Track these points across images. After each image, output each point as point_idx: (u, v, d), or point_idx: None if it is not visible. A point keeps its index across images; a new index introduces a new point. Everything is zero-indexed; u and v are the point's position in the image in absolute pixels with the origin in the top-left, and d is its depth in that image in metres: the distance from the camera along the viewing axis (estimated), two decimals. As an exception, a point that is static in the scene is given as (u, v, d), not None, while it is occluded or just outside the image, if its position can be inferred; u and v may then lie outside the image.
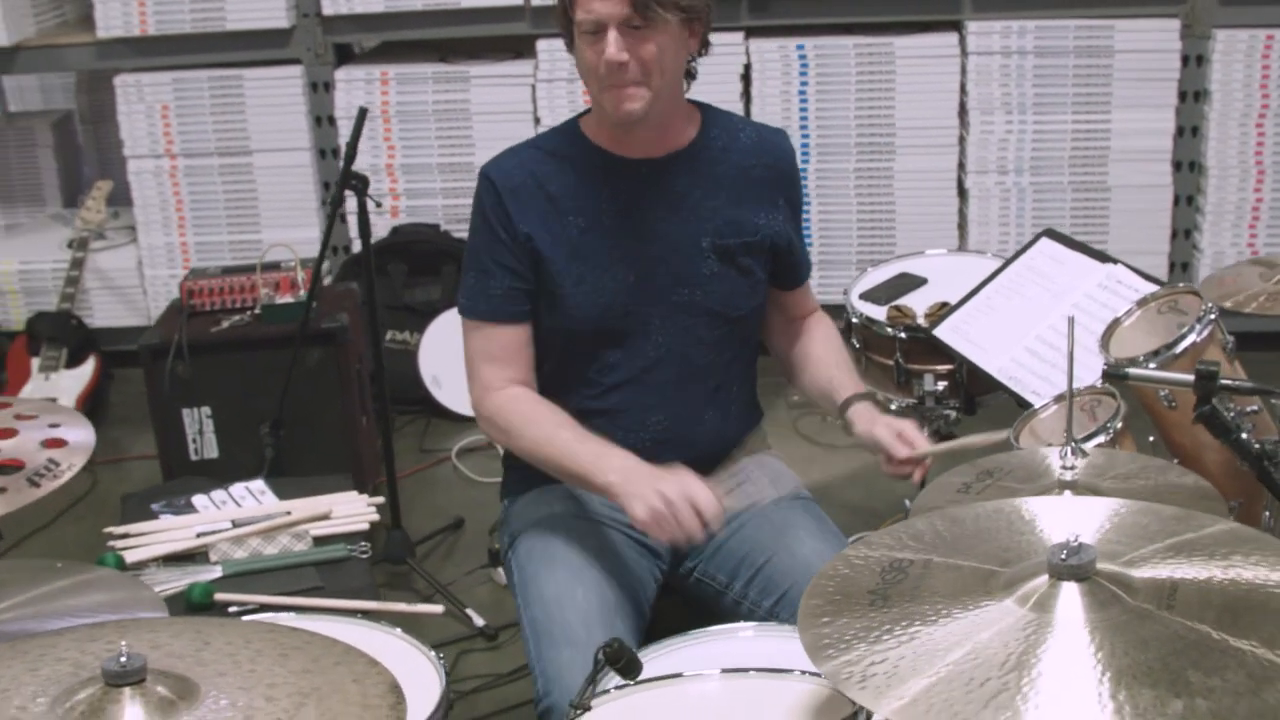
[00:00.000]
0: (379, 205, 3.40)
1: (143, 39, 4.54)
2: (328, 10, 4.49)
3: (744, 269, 2.41)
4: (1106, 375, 1.96)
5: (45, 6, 4.83)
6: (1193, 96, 4.35)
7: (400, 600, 3.50)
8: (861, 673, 1.37)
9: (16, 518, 3.75)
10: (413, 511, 3.92)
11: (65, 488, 4.06)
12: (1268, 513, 2.28)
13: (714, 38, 4.29)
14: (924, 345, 3.01)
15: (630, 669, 1.66)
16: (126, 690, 1.51)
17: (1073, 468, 1.91)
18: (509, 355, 2.37)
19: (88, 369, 4.47)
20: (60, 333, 4.50)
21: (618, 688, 1.69)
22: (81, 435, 2.31)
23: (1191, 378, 1.85)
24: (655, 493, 2.12)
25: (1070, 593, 1.42)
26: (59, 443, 2.27)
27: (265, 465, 3.46)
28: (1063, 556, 1.41)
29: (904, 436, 2.32)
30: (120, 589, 2.07)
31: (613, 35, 2.19)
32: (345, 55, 4.76)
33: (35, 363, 4.45)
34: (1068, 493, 1.90)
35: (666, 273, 2.37)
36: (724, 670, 1.70)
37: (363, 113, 3.35)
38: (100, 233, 4.85)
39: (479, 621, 3.30)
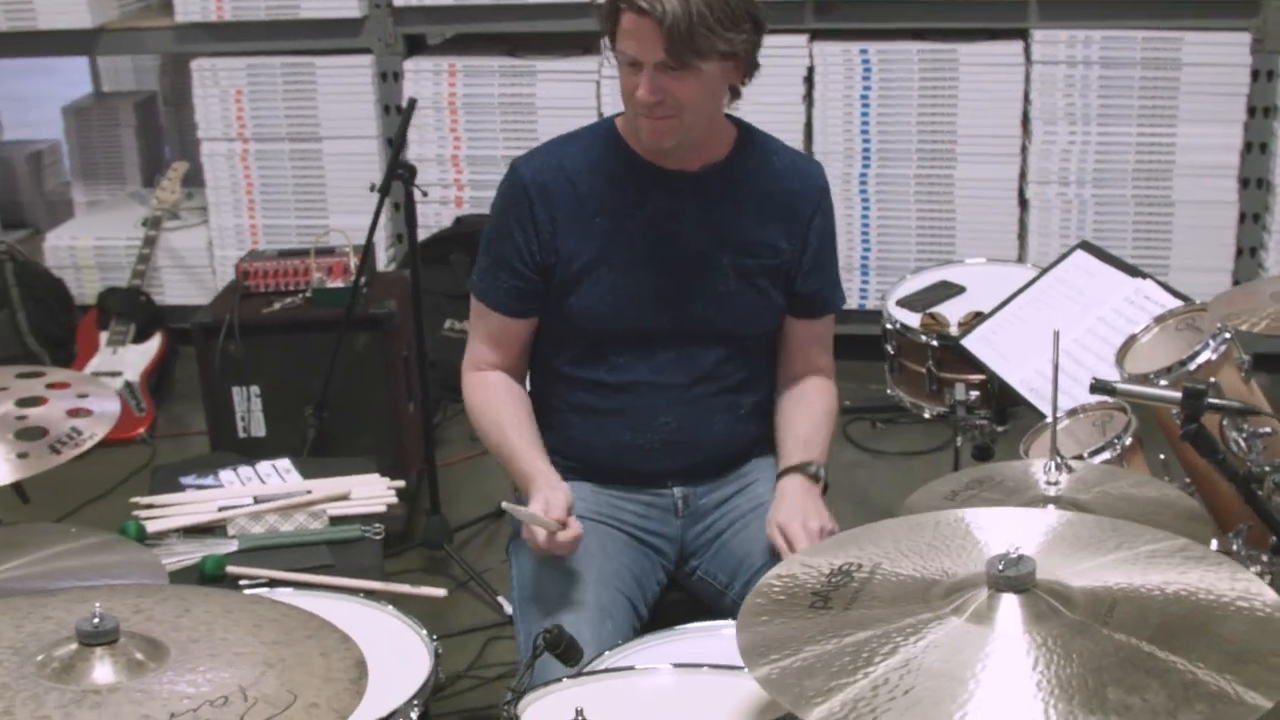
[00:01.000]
0: (425, 194, 3.46)
1: (219, 24, 4.66)
2: (399, 1, 4.57)
3: (760, 290, 2.41)
4: (1094, 389, 1.96)
5: (130, -10, 4.97)
6: (1262, 112, 4.29)
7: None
8: (793, 677, 1.38)
9: (73, 487, 3.94)
10: (458, 498, 3.98)
11: (125, 460, 4.24)
12: (1276, 537, 2.25)
13: (777, 40, 4.38)
14: (956, 354, 3.01)
15: (569, 655, 1.70)
16: (98, 650, 1.57)
17: (1056, 482, 1.91)
18: (502, 342, 2.43)
19: (154, 345, 4.60)
20: (129, 308, 4.63)
21: (570, 677, 1.72)
22: (107, 406, 2.38)
23: (1178, 395, 1.83)
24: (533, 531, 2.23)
25: (1009, 604, 1.43)
26: (84, 412, 2.35)
27: (306, 446, 3.54)
28: (1000, 568, 1.42)
29: (788, 538, 2.25)
30: (125, 555, 2.14)
31: (646, 75, 2.19)
32: (416, 46, 4.84)
33: (104, 336, 4.58)
34: (1051, 507, 1.90)
35: (683, 285, 2.38)
36: (676, 665, 1.72)
37: (411, 103, 3.42)
38: (174, 212, 4.98)
39: (509, 609, 3.34)
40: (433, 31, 4.87)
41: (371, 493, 2.65)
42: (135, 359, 4.53)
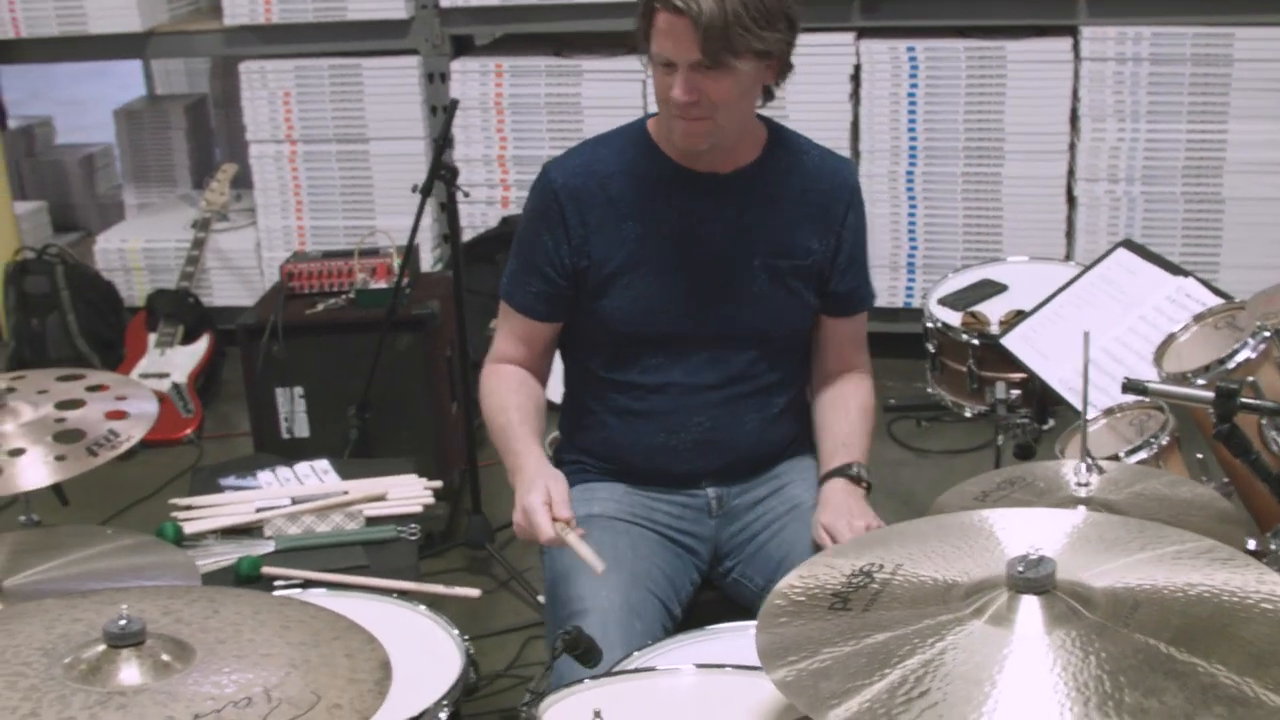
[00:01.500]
0: (467, 195, 3.48)
1: (267, 27, 4.71)
2: (445, 3, 4.60)
3: (792, 290, 2.41)
4: (1126, 388, 1.94)
5: (180, -6, 5.04)
6: (1316, 108, 4.24)
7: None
8: (810, 680, 1.38)
9: (120, 488, 3.99)
10: (501, 499, 4.00)
11: (172, 460, 4.29)
12: (1316, 538, 2.22)
13: (824, 38, 4.36)
14: (997, 353, 2.99)
15: (588, 657, 1.70)
16: (125, 651, 1.59)
17: (1086, 483, 1.89)
18: (526, 342, 2.44)
19: (201, 346, 4.65)
20: (178, 310, 4.69)
21: (592, 678, 1.73)
22: (144, 408, 2.42)
23: (1211, 395, 1.82)
24: (517, 506, 2.23)
25: (1029, 606, 1.42)
26: (121, 415, 2.38)
27: (349, 446, 3.57)
28: (1020, 569, 1.41)
29: (833, 537, 2.26)
30: (160, 557, 2.17)
31: (681, 76, 2.19)
32: (464, 47, 4.87)
33: (152, 338, 4.64)
34: (1081, 508, 1.89)
35: (715, 287, 2.38)
36: (698, 665, 1.72)
37: (453, 104, 3.44)
38: (223, 214, 5.04)
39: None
40: (479, 32, 4.90)
41: (408, 493, 2.67)
42: (183, 360, 4.59)
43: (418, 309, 3.72)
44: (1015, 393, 2.99)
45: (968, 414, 3.15)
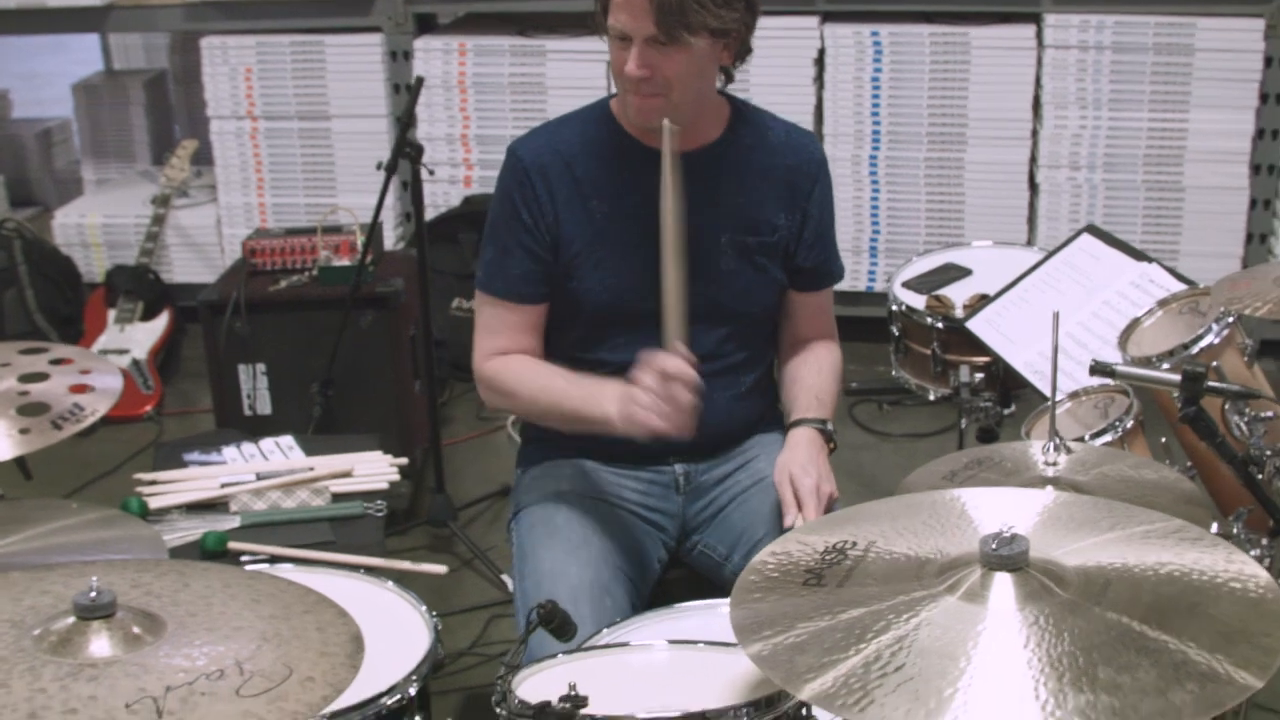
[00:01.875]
0: (432, 173, 3.47)
1: (229, 2, 4.67)
2: (408, -20, 4.58)
3: (759, 267, 2.41)
4: (1094, 371, 1.96)
5: (140, -33, 4.97)
6: (1274, 98, 4.28)
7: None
8: (786, 654, 1.39)
9: (80, 464, 3.96)
10: (464, 477, 4.00)
11: (132, 437, 4.25)
12: (1274, 521, 2.25)
13: (788, 21, 4.36)
14: (961, 336, 3.01)
15: (563, 630, 1.71)
16: (95, 623, 1.58)
17: (1054, 463, 1.91)
18: (518, 332, 2.41)
19: (161, 323, 4.61)
20: (137, 286, 4.65)
21: (566, 653, 1.73)
22: (109, 382, 2.39)
23: (1177, 378, 1.83)
24: (641, 403, 2.13)
25: (1001, 583, 1.43)
26: (86, 389, 2.36)
27: (312, 424, 3.55)
28: (993, 547, 1.42)
29: (798, 493, 2.26)
30: (126, 531, 2.15)
31: (635, 50, 2.19)
32: (427, 25, 4.84)
33: (111, 314, 4.60)
34: (1049, 488, 1.91)
35: (684, 265, 2.38)
36: (671, 641, 1.73)
37: (419, 81, 3.42)
38: (183, 190, 5.00)
39: (512, 587, 3.34)
40: (443, 10, 4.87)
41: (374, 470, 2.66)
42: (142, 337, 4.55)
43: (381, 286, 3.70)
44: (979, 376, 3.00)
45: (931, 397, 3.16)
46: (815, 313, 2.54)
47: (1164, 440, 2.42)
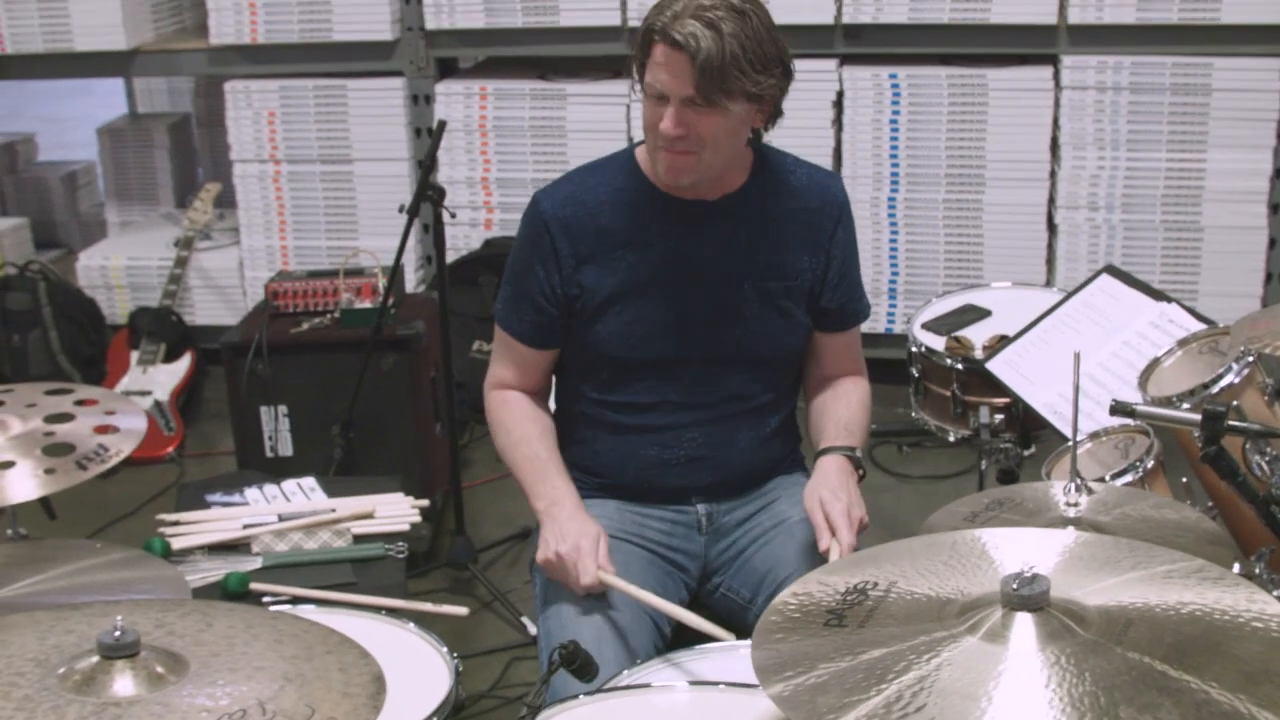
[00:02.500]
0: (453, 216, 3.49)
1: (253, 46, 4.71)
2: (430, 25, 4.61)
3: (784, 311, 2.43)
4: (1114, 411, 1.96)
5: (166, 12, 5.03)
6: (1293, 139, 4.29)
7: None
8: (807, 695, 1.39)
9: (103, 504, 3.97)
10: (484, 519, 4.01)
11: (154, 478, 4.27)
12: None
13: (807, 64, 4.39)
14: (981, 378, 3.01)
15: (585, 671, 1.71)
16: (119, 663, 1.59)
17: (1076, 504, 1.91)
18: (525, 368, 2.47)
19: (183, 364, 4.64)
20: (160, 328, 4.68)
21: (587, 694, 1.73)
22: (133, 423, 2.42)
23: (1198, 417, 1.84)
24: (552, 544, 2.27)
25: (1023, 623, 1.43)
26: (110, 429, 2.38)
27: (333, 466, 3.57)
28: (1014, 587, 1.43)
29: (829, 518, 2.28)
30: (149, 571, 2.16)
31: (672, 110, 2.21)
32: (449, 69, 4.88)
33: (134, 356, 4.63)
34: (1070, 528, 1.90)
35: (708, 311, 2.40)
36: (692, 683, 1.73)
37: (441, 125, 3.45)
38: (206, 233, 5.03)
39: (532, 630, 3.35)
40: (464, 55, 4.91)
41: (395, 512, 2.67)
42: (165, 378, 4.58)
43: (403, 329, 3.72)
44: (999, 417, 3.00)
45: (951, 439, 3.17)
46: (843, 351, 2.56)
47: (1185, 480, 2.42)
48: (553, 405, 2.57)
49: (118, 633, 1.60)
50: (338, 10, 4.62)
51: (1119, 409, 1.93)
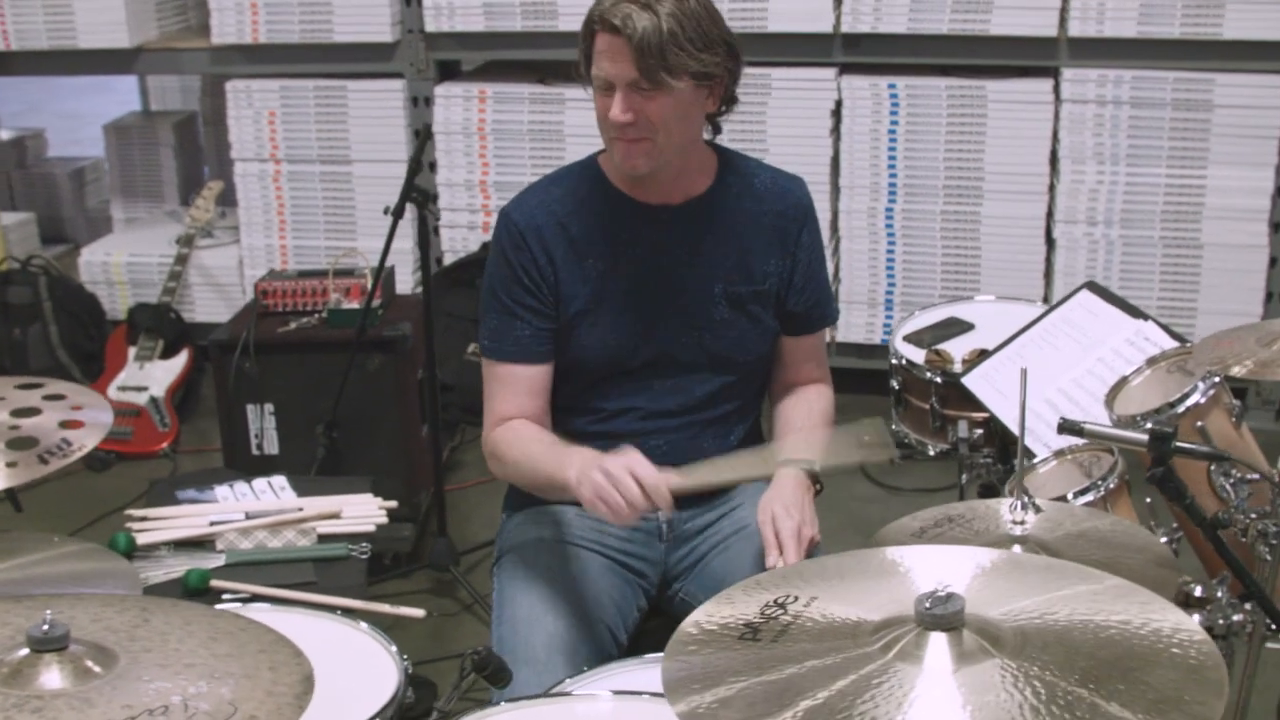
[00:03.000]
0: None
1: (254, 46, 4.74)
2: (430, 27, 4.63)
3: (753, 316, 2.43)
4: (1062, 430, 1.95)
5: (170, 11, 5.06)
6: (1295, 156, 4.26)
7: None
8: (711, 712, 1.38)
9: (94, 500, 4.00)
10: (471, 521, 4.01)
11: (147, 473, 4.29)
12: (1244, 585, 2.23)
13: (806, 73, 4.38)
14: (960, 391, 2.99)
15: (497, 678, 1.71)
16: (47, 656, 1.60)
17: (1021, 522, 1.90)
18: (525, 395, 2.41)
19: (180, 361, 4.66)
20: (158, 324, 4.70)
21: (509, 702, 1.73)
22: (98, 417, 2.42)
23: (1144, 438, 1.82)
24: (598, 469, 2.14)
25: (937, 643, 1.42)
26: (76, 424, 2.39)
27: (315, 464, 3.58)
28: (928, 606, 1.42)
29: (779, 535, 2.24)
30: (103, 565, 2.17)
31: (619, 96, 2.22)
32: (449, 72, 4.89)
33: (131, 351, 4.65)
34: (1016, 547, 1.90)
35: (678, 316, 2.40)
36: (615, 691, 1.73)
37: (426, 129, 3.49)
38: (208, 231, 5.06)
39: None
40: (465, 58, 4.93)
41: (361, 512, 2.68)
42: (161, 374, 4.60)
43: (389, 330, 3.73)
44: (978, 432, 2.99)
45: (931, 452, 3.16)
46: (807, 356, 2.56)
47: (1149, 501, 2.40)
48: None
49: (46, 626, 1.60)
50: (338, 11, 4.64)
51: (1066, 428, 1.92)
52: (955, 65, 4.43)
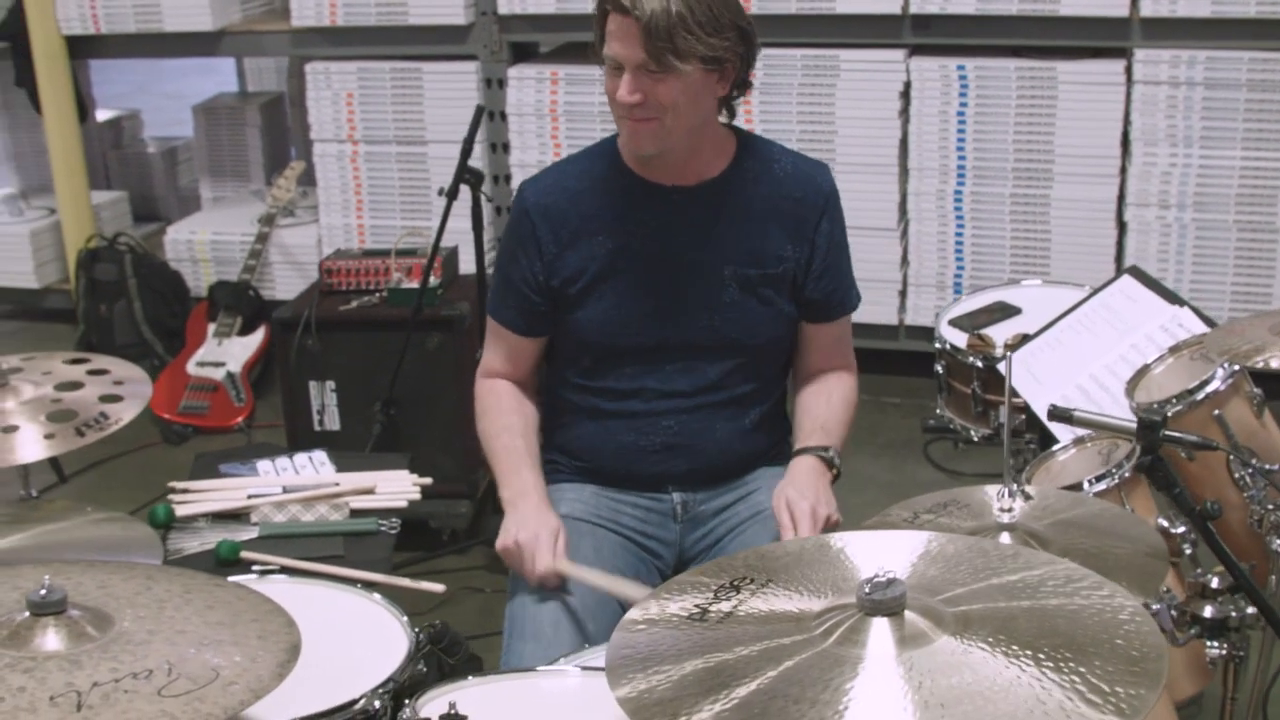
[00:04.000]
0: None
1: (332, 29, 4.83)
2: (503, 9, 4.69)
3: (764, 299, 2.45)
4: (1051, 416, 1.94)
5: (254, -6, 5.19)
6: (1374, 138, 4.15)
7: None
8: (654, 692, 1.41)
9: (168, 472, 4.12)
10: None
11: (223, 448, 4.40)
12: (1274, 577, 2.21)
13: (874, 54, 4.37)
14: (1001, 376, 2.98)
15: (451, 650, 1.75)
16: (45, 619, 1.68)
17: (1010, 510, 1.91)
18: (513, 357, 2.52)
19: (257, 338, 4.79)
20: (237, 301, 4.83)
21: (475, 676, 1.78)
22: (139, 391, 2.52)
23: (1132, 425, 1.82)
24: (513, 536, 2.33)
25: (879, 628, 1.44)
26: (115, 398, 2.49)
27: (371, 441, 3.66)
28: (868, 591, 1.44)
29: (793, 515, 2.31)
30: (127, 533, 2.27)
31: (627, 77, 2.25)
32: (525, 54, 4.95)
33: (211, 328, 4.79)
34: (1005, 535, 1.90)
35: (688, 298, 2.43)
36: (584, 667, 1.76)
37: (479, 110, 3.52)
38: (290, 210, 5.18)
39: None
40: (539, 40, 4.98)
41: (396, 488, 2.74)
42: (239, 351, 4.73)
43: (447, 310, 3.80)
44: (1021, 417, 2.98)
45: (974, 437, 3.15)
46: (829, 344, 2.56)
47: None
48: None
49: (44, 591, 1.69)
50: (413, -6, 4.73)
51: (1055, 414, 1.91)
52: (1025, 46, 4.38)
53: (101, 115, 6.23)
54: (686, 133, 2.32)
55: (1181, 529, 2.27)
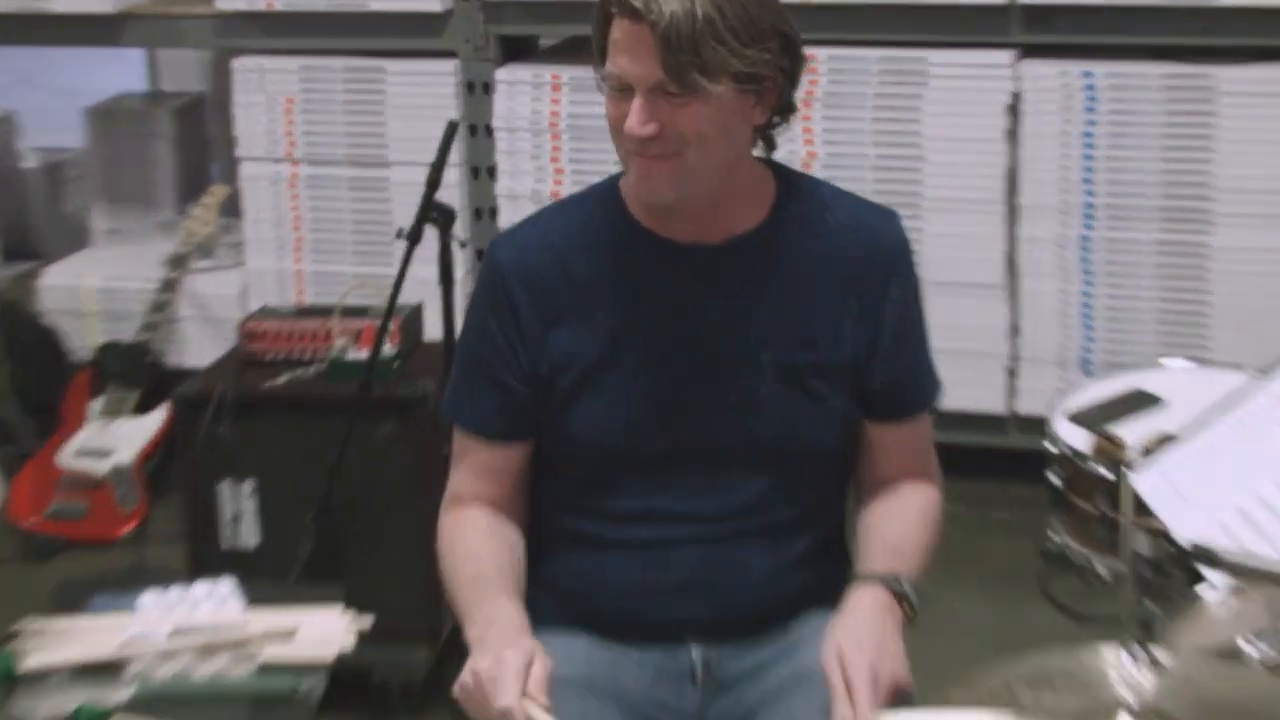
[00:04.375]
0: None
1: (268, 14, 4.89)
2: (491, -7, 4.73)
3: (814, 394, 2.41)
4: (1194, 556, 1.90)
5: (168, -30, 5.23)
6: None
7: None
8: None
9: (34, 596, 4.10)
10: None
11: (106, 565, 4.39)
12: None
13: (973, 56, 4.38)
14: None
15: None
16: None
17: (1136, 683, 1.86)
18: (485, 476, 2.47)
19: (157, 419, 4.75)
20: (132, 369, 4.81)
21: None
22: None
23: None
24: (471, 669, 2.25)
25: None
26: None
27: (297, 566, 3.63)
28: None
29: (847, 677, 2.23)
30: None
31: (638, 102, 2.21)
32: (518, 51, 4.96)
33: (96, 405, 4.76)
34: (1124, 716, 1.86)
35: (712, 392, 2.40)
36: None
37: (452, 127, 3.52)
38: (207, 249, 5.18)
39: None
40: (536, 32, 4.99)
41: (323, 633, 2.69)
42: (132, 436, 4.71)
43: (405, 389, 3.78)
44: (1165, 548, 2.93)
45: (1100, 570, 3.10)
46: (902, 449, 2.53)
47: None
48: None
49: None
50: (375, -29, 4.77)
51: (1198, 554, 1.87)
52: (1174, 46, 4.38)
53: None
54: (714, 173, 2.30)
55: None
